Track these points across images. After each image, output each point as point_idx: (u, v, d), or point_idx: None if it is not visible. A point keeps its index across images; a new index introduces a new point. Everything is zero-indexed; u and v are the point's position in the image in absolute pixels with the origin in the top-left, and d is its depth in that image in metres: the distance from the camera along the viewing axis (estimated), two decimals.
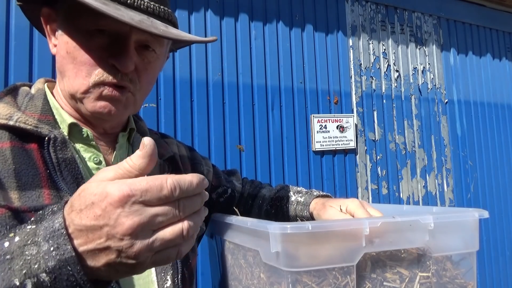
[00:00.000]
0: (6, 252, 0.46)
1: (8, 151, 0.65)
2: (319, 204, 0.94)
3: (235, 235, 0.82)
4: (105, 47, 0.69)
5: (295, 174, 2.70)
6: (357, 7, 3.13)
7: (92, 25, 0.68)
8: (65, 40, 0.70)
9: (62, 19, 0.72)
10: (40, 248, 0.45)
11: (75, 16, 0.69)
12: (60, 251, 0.44)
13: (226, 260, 0.89)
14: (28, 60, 1.99)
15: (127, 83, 0.71)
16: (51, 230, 0.45)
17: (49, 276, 0.44)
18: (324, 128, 2.82)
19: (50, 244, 0.45)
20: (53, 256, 0.44)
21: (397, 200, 3.12)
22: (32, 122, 0.67)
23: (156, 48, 0.75)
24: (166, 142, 0.96)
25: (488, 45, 3.85)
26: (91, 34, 0.69)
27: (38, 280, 0.44)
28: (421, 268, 0.68)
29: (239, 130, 2.55)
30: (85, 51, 0.69)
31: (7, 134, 0.66)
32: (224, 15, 2.56)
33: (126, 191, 0.44)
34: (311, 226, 0.60)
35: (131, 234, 0.44)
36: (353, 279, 0.63)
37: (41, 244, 0.45)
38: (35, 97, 0.74)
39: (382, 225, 0.65)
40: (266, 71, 2.68)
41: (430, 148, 3.34)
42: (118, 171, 0.47)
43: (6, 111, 0.67)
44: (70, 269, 0.44)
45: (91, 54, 0.69)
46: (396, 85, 3.24)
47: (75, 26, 0.69)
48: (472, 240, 0.73)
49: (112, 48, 0.69)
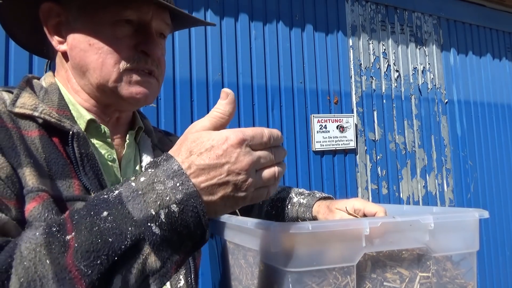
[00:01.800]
0: (137, 189, 0.51)
1: (38, 139, 0.65)
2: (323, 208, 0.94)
3: (235, 235, 0.82)
4: (131, 36, 0.72)
5: (295, 174, 2.70)
6: (357, 7, 3.13)
7: (116, 16, 0.70)
8: (84, 33, 0.71)
9: (76, 13, 0.72)
10: (166, 186, 0.51)
11: (97, 9, 0.70)
12: (185, 186, 0.51)
13: (226, 260, 0.89)
14: (28, 60, 1.99)
15: (155, 68, 0.75)
16: (172, 171, 0.52)
17: (179, 207, 0.50)
18: (324, 128, 2.82)
19: (175, 181, 0.51)
20: (179, 190, 0.51)
21: (397, 200, 3.12)
22: (55, 116, 0.68)
23: (166, 36, 0.80)
24: (170, 140, 0.96)
25: (488, 45, 3.85)
26: (116, 24, 0.71)
27: (169, 210, 0.50)
28: (421, 268, 0.68)
29: None
30: (111, 40, 0.70)
31: (34, 123, 0.67)
32: (224, 15, 2.56)
33: (241, 136, 0.53)
34: (311, 226, 0.60)
35: (247, 170, 0.53)
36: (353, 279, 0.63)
37: (166, 182, 0.51)
38: (49, 91, 0.73)
39: (382, 225, 0.65)
40: (266, 71, 2.68)
41: (430, 148, 3.34)
42: (212, 119, 0.56)
43: (31, 102, 0.68)
44: (193, 201, 0.51)
45: (118, 43, 0.71)
46: (396, 85, 3.24)
47: (98, 18, 0.70)
48: (472, 240, 0.73)
49: (137, 36, 0.73)
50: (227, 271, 0.89)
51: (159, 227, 0.50)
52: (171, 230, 0.50)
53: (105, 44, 0.70)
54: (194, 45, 2.44)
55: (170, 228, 0.50)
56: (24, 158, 0.61)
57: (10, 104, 0.66)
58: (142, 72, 0.73)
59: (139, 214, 0.50)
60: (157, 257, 0.50)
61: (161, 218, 0.50)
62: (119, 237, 0.48)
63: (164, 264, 0.51)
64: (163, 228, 0.50)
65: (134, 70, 0.72)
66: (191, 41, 2.44)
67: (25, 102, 0.67)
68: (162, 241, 0.50)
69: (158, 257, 0.50)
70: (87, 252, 0.47)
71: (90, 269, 0.46)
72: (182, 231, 0.51)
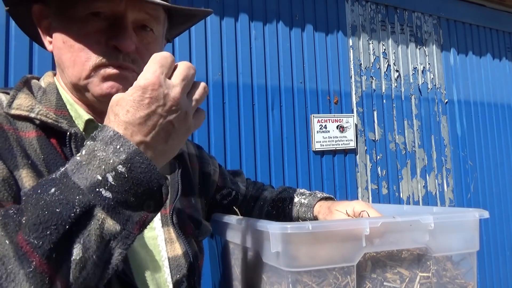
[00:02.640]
0: (79, 161, 0.51)
1: (35, 140, 0.65)
2: (324, 208, 0.93)
3: (235, 235, 0.82)
4: (103, 30, 0.69)
5: (295, 174, 2.70)
6: (357, 7, 3.13)
7: (85, 10, 0.67)
8: (60, 31, 0.69)
9: (54, 12, 0.71)
10: (107, 151, 0.51)
11: (68, 5, 0.68)
12: (125, 146, 0.51)
13: (226, 260, 0.89)
14: (28, 60, 1.99)
15: (129, 64, 0.70)
16: (108, 137, 0.52)
17: (125, 166, 0.50)
18: (324, 128, 2.82)
19: (114, 145, 0.51)
20: (121, 151, 0.51)
21: (397, 200, 3.12)
22: (52, 116, 0.67)
23: (153, 27, 0.74)
24: None
25: (488, 45, 3.84)
26: (86, 19, 0.68)
27: (116, 172, 0.50)
28: (421, 268, 0.68)
29: (239, 130, 2.54)
30: (81, 36, 0.68)
31: (31, 124, 0.66)
32: (224, 15, 2.56)
33: (155, 74, 0.52)
34: (311, 226, 0.60)
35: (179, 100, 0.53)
36: (354, 279, 0.63)
37: (105, 148, 0.51)
38: (47, 91, 0.72)
39: (383, 225, 0.65)
40: (266, 71, 2.68)
41: (430, 148, 3.34)
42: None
43: (27, 103, 0.67)
44: (138, 158, 0.51)
45: (88, 38, 0.68)
46: (396, 85, 3.24)
47: (69, 15, 0.68)
48: (472, 240, 0.73)
49: (110, 31, 0.69)
50: (227, 271, 0.89)
51: (110, 190, 0.50)
52: (124, 191, 0.51)
53: (75, 41, 0.68)
54: (194, 45, 2.44)
55: (122, 190, 0.50)
56: (21, 159, 0.61)
57: (6, 105, 0.66)
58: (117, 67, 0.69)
59: (86, 183, 0.50)
60: (115, 220, 0.50)
61: (109, 181, 0.50)
62: (66, 206, 0.48)
63: (125, 226, 0.51)
64: (114, 191, 0.50)
65: (105, 66, 0.68)
66: (191, 41, 2.44)
67: (21, 103, 0.66)
68: (117, 203, 0.50)
69: (116, 220, 0.50)
70: (35, 225, 0.47)
71: (41, 241, 0.46)
72: (137, 190, 0.51)
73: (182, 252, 0.76)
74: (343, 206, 0.88)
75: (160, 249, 0.74)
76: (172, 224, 0.77)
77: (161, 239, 0.75)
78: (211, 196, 0.99)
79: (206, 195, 0.97)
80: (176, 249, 0.75)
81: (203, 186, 0.96)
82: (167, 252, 0.74)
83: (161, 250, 0.74)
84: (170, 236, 0.76)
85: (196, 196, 0.91)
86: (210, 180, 0.99)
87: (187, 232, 0.80)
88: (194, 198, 0.90)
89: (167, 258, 0.74)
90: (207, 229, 0.88)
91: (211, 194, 0.99)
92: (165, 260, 0.74)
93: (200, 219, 0.87)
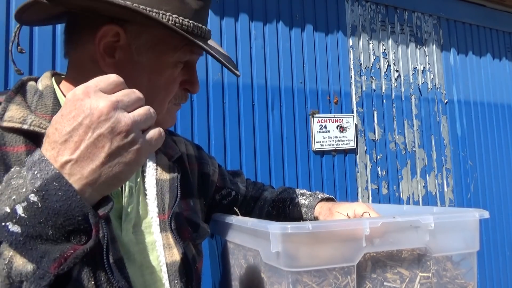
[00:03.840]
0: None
1: (24, 155, 0.62)
2: (325, 209, 0.93)
3: (235, 235, 0.82)
4: (180, 73, 0.75)
5: (295, 174, 2.70)
6: (357, 7, 3.13)
7: (181, 58, 0.72)
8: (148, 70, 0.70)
9: (144, 47, 0.69)
10: (25, 178, 0.46)
11: (167, 50, 0.70)
12: (44, 172, 0.45)
13: (226, 260, 0.89)
14: (28, 60, 1.99)
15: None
16: (31, 162, 0.47)
17: (38, 195, 0.44)
18: (324, 128, 2.82)
19: (33, 170, 0.46)
20: (38, 177, 0.45)
21: (397, 200, 3.12)
22: (46, 125, 0.64)
23: None
24: (173, 141, 0.93)
25: (488, 45, 3.84)
26: (176, 66, 0.72)
27: (28, 202, 0.44)
28: (421, 268, 0.68)
29: (239, 130, 2.54)
30: (169, 80, 0.72)
31: (22, 138, 0.63)
32: (224, 15, 2.56)
33: (82, 87, 0.47)
34: (311, 226, 0.60)
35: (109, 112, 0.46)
36: (354, 279, 0.63)
37: (25, 175, 0.46)
38: (44, 95, 0.69)
39: (383, 225, 0.65)
40: (266, 71, 2.68)
41: (430, 148, 3.34)
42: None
43: (19, 114, 0.64)
44: (56, 184, 0.45)
45: (174, 82, 0.74)
46: (396, 85, 3.23)
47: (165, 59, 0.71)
48: (472, 240, 0.73)
49: (183, 74, 0.75)
50: (227, 271, 0.89)
51: (18, 223, 0.44)
52: (37, 223, 0.44)
53: (163, 84, 0.72)
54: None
55: (35, 222, 0.44)
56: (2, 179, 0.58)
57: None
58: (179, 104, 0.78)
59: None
60: (27, 258, 0.44)
61: (18, 213, 0.44)
62: None
63: (39, 264, 0.44)
64: (23, 224, 0.44)
65: (176, 105, 0.77)
66: None
67: (13, 116, 0.63)
68: (28, 238, 0.44)
69: (28, 257, 0.44)
70: None
71: None
72: (56, 221, 0.45)
73: (180, 257, 0.75)
74: (344, 208, 0.88)
75: (158, 254, 0.73)
76: (171, 230, 0.76)
77: (160, 244, 0.74)
78: (210, 196, 0.99)
79: (205, 195, 0.97)
80: (174, 255, 0.75)
81: (202, 187, 0.96)
82: (165, 258, 0.74)
83: (159, 255, 0.73)
84: (168, 242, 0.75)
85: (195, 197, 0.91)
86: (209, 181, 0.98)
87: (185, 236, 0.79)
88: (193, 200, 0.89)
89: (165, 264, 0.73)
90: (205, 232, 0.87)
91: (210, 194, 0.99)
92: (163, 266, 0.73)
93: (198, 222, 0.86)
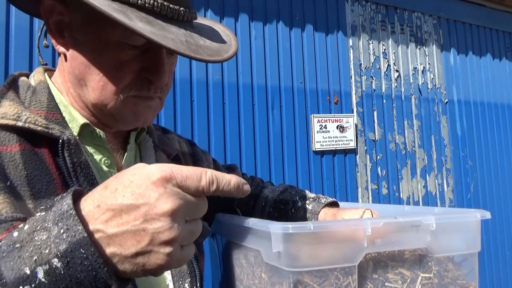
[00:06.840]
0: (15, 241, 0.42)
1: (18, 155, 0.59)
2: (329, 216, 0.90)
3: (236, 234, 0.82)
4: (136, 58, 0.64)
5: (295, 174, 2.70)
6: (357, 7, 3.13)
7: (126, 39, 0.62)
8: (89, 49, 0.64)
9: (80, 22, 0.64)
10: (50, 233, 0.41)
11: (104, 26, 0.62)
12: (71, 233, 0.41)
13: (227, 260, 0.89)
14: (28, 60, 1.99)
15: (158, 94, 0.68)
16: (59, 212, 0.42)
17: (61, 261, 0.40)
18: (324, 128, 2.82)
19: (59, 226, 0.41)
20: (63, 239, 0.41)
21: (397, 200, 3.12)
22: (42, 122, 0.61)
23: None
24: (168, 138, 0.91)
25: (488, 45, 3.84)
26: (121, 46, 0.63)
27: (51, 266, 0.40)
28: (423, 269, 0.68)
29: (239, 130, 2.54)
30: (115, 64, 0.63)
31: (15, 136, 0.60)
32: (224, 15, 2.56)
33: (168, 172, 0.43)
34: (313, 226, 0.60)
35: (171, 215, 0.42)
36: (355, 279, 0.63)
37: (51, 228, 0.41)
38: (37, 91, 0.66)
39: (384, 226, 0.65)
40: (266, 71, 2.68)
41: (430, 148, 3.34)
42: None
43: (13, 110, 0.60)
44: (83, 251, 0.41)
45: (122, 67, 0.63)
46: (396, 85, 3.23)
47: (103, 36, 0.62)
48: (474, 241, 0.73)
49: (144, 60, 0.65)
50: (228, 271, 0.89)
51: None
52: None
53: (108, 67, 0.63)
54: None
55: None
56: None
57: None
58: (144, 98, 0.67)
59: (10, 275, 0.41)
60: None
61: (38, 277, 0.40)
62: None
63: None
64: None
65: (135, 97, 0.66)
66: None
67: (7, 112, 0.60)
68: None
69: None
70: None
71: None
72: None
73: None
74: (348, 215, 0.86)
75: None
76: None
77: None
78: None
79: None
80: None
81: None
82: None
83: None
84: None
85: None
86: None
87: None
88: None
89: None
90: (206, 230, 0.87)
91: None
92: None
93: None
